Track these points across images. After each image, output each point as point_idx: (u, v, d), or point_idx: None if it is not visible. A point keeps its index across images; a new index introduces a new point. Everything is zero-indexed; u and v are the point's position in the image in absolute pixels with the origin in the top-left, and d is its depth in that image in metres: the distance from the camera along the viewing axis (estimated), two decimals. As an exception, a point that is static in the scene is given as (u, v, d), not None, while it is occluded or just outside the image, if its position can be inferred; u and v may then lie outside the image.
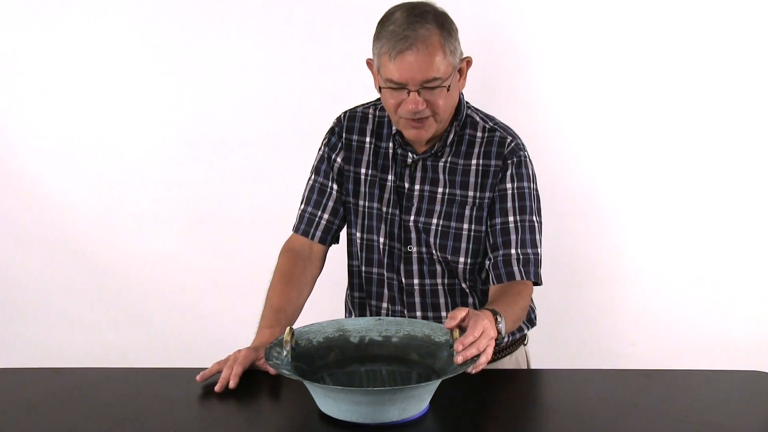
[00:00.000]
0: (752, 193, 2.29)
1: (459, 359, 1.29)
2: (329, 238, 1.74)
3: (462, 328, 1.35)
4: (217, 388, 1.42)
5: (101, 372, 1.55)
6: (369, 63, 1.61)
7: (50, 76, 2.41)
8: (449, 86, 1.53)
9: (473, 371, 1.29)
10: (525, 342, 1.82)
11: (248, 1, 2.32)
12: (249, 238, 2.44)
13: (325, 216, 1.73)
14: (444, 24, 1.52)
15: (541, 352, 1.91)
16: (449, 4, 1.58)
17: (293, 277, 1.68)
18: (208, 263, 2.49)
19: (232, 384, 1.42)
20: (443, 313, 1.69)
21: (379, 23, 1.55)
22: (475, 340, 1.31)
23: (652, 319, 2.38)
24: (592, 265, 2.38)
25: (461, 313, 1.35)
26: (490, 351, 1.32)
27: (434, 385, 1.29)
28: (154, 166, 2.44)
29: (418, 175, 1.67)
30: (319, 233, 1.73)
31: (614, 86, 2.26)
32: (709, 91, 2.24)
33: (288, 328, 1.39)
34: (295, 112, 2.36)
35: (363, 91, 1.84)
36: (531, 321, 1.77)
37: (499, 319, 1.40)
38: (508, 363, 1.75)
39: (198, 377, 1.45)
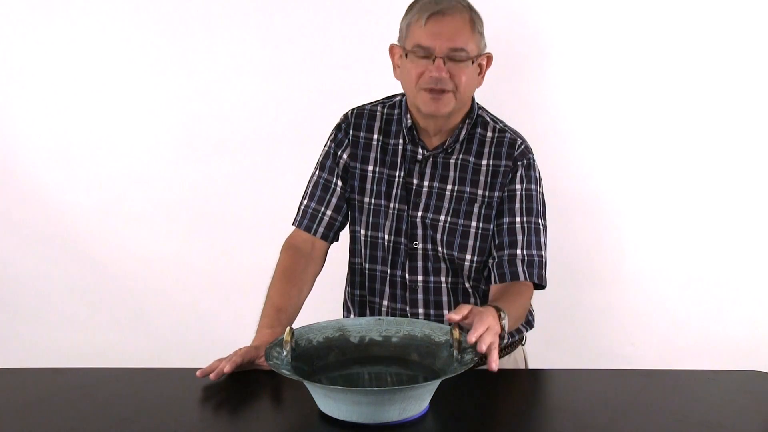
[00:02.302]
0: (752, 193, 2.29)
1: (483, 347, 1.30)
2: (331, 234, 1.75)
3: (462, 328, 1.35)
4: (212, 375, 1.43)
5: (101, 372, 1.55)
6: (391, 48, 1.65)
7: (50, 76, 2.41)
8: (473, 60, 1.57)
9: (495, 367, 1.30)
10: (523, 342, 1.82)
11: (248, 1, 2.32)
12: (249, 238, 2.44)
13: (328, 212, 1.73)
14: (473, 9, 1.60)
15: (541, 352, 1.91)
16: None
17: (294, 274, 1.68)
18: (208, 263, 2.49)
19: (227, 369, 1.43)
20: (445, 311, 1.69)
21: (409, 6, 1.61)
22: (484, 332, 1.32)
23: (652, 319, 2.38)
24: (592, 265, 2.38)
25: (465, 309, 1.35)
26: (496, 345, 1.33)
27: (434, 385, 1.29)
28: (153, 166, 2.44)
29: (428, 171, 1.67)
30: (321, 229, 1.73)
31: (615, 87, 2.26)
32: (709, 94, 2.24)
33: (288, 328, 1.39)
34: (296, 111, 2.36)
35: (364, 91, 1.84)
36: (529, 323, 1.78)
37: (502, 315, 1.41)
38: (506, 363, 1.75)
39: (198, 372, 1.45)
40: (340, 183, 1.73)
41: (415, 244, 1.68)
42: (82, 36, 2.38)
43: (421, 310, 1.70)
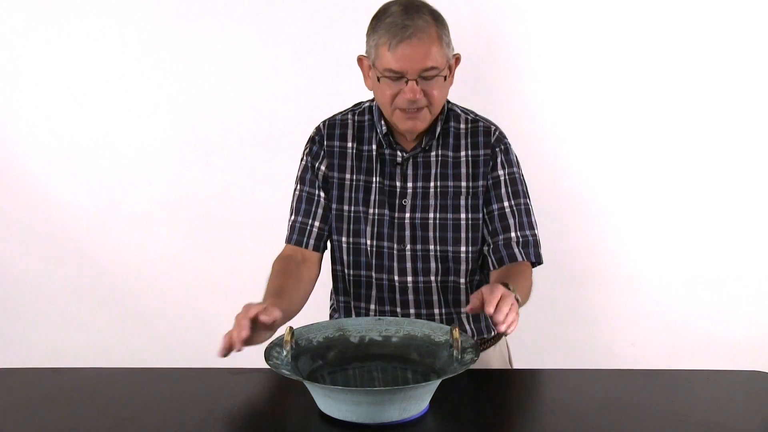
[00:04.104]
0: (751, 193, 2.29)
1: (502, 328, 1.32)
2: (322, 244, 1.75)
3: (462, 329, 1.35)
4: (220, 353, 1.34)
5: (101, 372, 1.56)
6: (360, 60, 1.66)
7: (50, 77, 2.41)
8: (445, 77, 1.58)
9: (510, 330, 1.32)
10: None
11: (247, 1, 2.32)
12: (249, 238, 2.44)
13: (316, 224, 1.73)
14: (438, 18, 1.59)
15: (542, 351, 1.92)
16: (440, 3, 1.61)
17: (289, 272, 1.66)
18: (208, 263, 2.49)
19: (238, 347, 1.33)
20: (436, 311, 1.71)
21: (373, 18, 1.61)
22: (500, 301, 1.33)
23: (652, 319, 2.38)
24: (592, 266, 2.38)
25: (478, 296, 1.36)
26: (515, 309, 1.35)
27: (434, 385, 1.29)
28: (154, 166, 2.44)
29: (410, 172, 1.69)
30: (312, 241, 1.73)
31: (612, 87, 2.26)
32: (705, 91, 2.24)
33: (288, 327, 1.39)
34: (295, 111, 2.36)
35: (363, 90, 1.84)
36: None
37: (511, 288, 1.41)
38: (492, 354, 1.77)
39: (219, 353, 1.35)
40: (322, 194, 1.73)
41: (403, 246, 1.68)
42: (81, 36, 2.37)
43: (412, 311, 1.71)
